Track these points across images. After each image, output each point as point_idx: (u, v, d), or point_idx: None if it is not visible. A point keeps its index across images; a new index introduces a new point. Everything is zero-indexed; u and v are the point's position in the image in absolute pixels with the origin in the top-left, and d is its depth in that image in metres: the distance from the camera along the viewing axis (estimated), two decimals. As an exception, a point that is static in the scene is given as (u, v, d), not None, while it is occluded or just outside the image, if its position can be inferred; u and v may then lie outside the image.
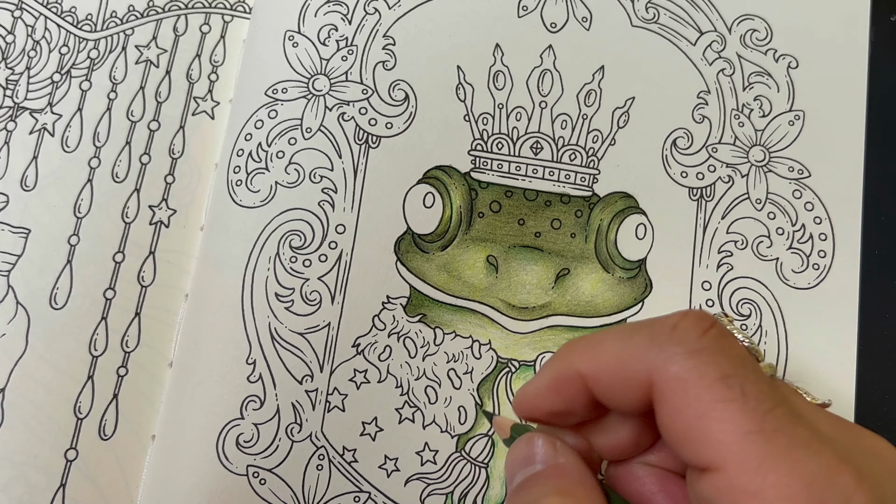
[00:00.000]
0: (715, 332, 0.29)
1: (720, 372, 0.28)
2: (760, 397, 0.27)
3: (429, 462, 0.41)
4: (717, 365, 0.28)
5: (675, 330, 0.30)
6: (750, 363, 0.29)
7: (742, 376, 0.28)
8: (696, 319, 0.30)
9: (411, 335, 0.42)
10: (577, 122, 0.45)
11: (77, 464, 0.41)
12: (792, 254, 0.43)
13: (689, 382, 0.28)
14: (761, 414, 0.27)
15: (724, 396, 0.27)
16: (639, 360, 0.30)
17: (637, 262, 0.43)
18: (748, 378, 0.28)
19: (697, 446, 0.28)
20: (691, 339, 0.29)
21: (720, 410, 0.27)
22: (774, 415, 0.27)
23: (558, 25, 0.46)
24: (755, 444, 0.26)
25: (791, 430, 0.27)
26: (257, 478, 0.41)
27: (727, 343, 0.29)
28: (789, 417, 0.27)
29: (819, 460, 0.26)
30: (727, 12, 0.47)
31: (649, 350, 0.30)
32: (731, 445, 0.27)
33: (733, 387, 0.27)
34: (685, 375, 0.28)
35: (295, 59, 0.46)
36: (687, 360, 0.28)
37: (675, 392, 0.28)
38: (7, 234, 0.44)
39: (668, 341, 0.29)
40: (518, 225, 0.44)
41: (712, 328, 0.29)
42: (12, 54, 0.47)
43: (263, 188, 0.44)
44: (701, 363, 0.28)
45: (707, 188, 0.44)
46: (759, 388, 0.28)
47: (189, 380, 0.42)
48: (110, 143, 0.45)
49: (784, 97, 0.45)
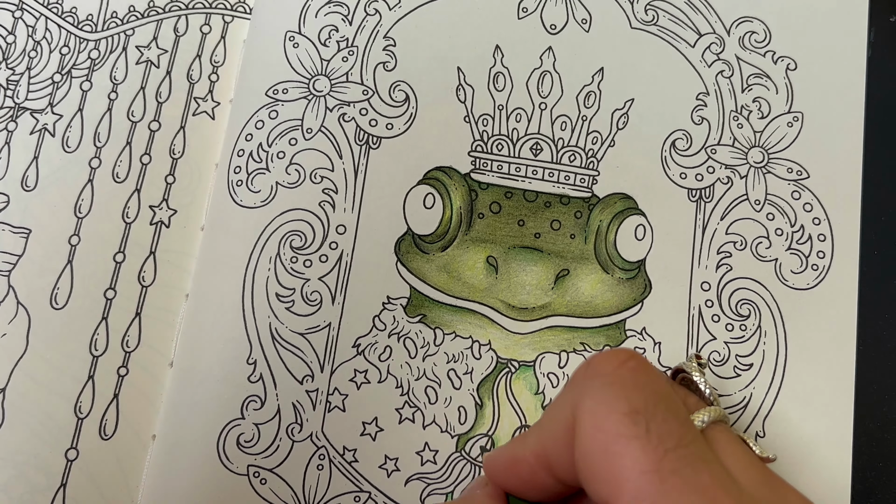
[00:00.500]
0: (632, 365, 0.29)
1: (629, 406, 0.27)
2: (664, 436, 0.27)
3: (429, 462, 0.41)
4: (626, 399, 0.28)
5: (590, 366, 0.30)
6: (664, 400, 0.28)
7: (650, 412, 0.27)
8: (614, 355, 0.30)
9: (411, 335, 0.43)
10: (576, 123, 0.45)
11: (77, 463, 0.41)
12: (791, 254, 0.43)
13: (599, 416, 0.28)
14: (661, 453, 0.26)
15: (628, 432, 0.27)
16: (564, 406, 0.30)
17: (636, 263, 0.43)
18: (656, 415, 0.27)
19: (599, 481, 0.27)
20: (606, 372, 0.29)
21: (622, 446, 0.27)
22: (676, 455, 0.26)
23: (558, 27, 0.47)
24: (650, 483, 0.26)
25: (690, 473, 0.26)
26: (258, 477, 0.41)
27: (644, 378, 0.29)
28: (691, 460, 0.26)
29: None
30: (726, 14, 0.47)
31: (571, 391, 0.30)
32: (627, 483, 0.26)
33: (639, 423, 0.27)
34: (596, 409, 0.28)
35: (295, 59, 0.46)
36: (599, 392, 0.28)
37: (586, 426, 0.28)
38: (8, 234, 0.44)
39: (585, 377, 0.30)
40: (518, 226, 0.44)
41: (629, 361, 0.29)
42: (13, 55, 0.47)
43: (264, 188, 0.44)
44: (612, 397, 0.28)
45: (706, 189, 0.44)
46: (665, 427, 0.27)
47: (190, 380, 0.42)
48: (111, 143, 0.45)
49: (783, 99, 0.45)
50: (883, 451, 0.41)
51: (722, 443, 0.30)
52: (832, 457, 0.41)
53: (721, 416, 0.30)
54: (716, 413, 0.30)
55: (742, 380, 0.42)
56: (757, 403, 0.42)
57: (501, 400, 0.42)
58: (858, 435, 0.41)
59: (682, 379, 0.34)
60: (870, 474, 0.41)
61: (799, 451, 0.41)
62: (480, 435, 0.42)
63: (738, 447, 0.30)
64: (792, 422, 0.41)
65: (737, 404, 0.42)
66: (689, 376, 0.34)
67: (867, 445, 0.41)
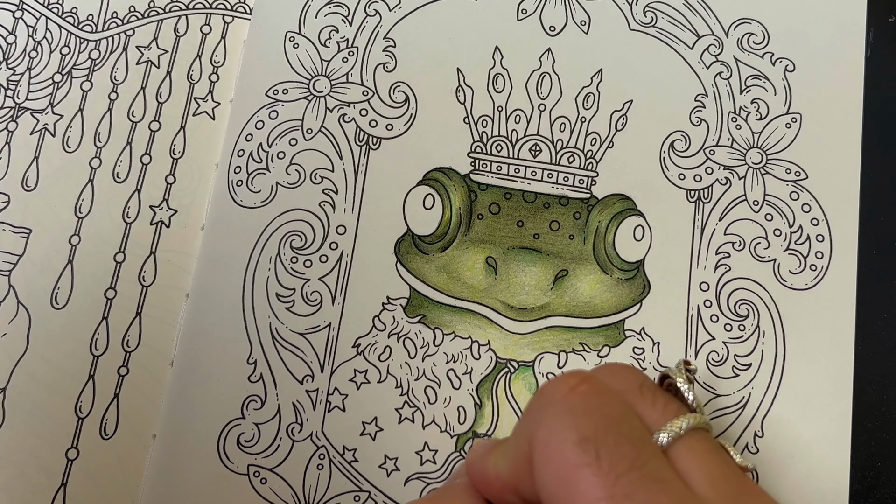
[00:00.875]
0: (582, 390, 0.29)
1: (578, 434, 0.27)
2: (615, 461, 0.27)
3: (428, 462, 0.41)
4: (575, 427, 0.28)
5: (542, 394, 0.30)
6: (615, 424, 0.28)
7: (600, 439, 0.27)
8: (564, 379, 0.30)
9: (411, 336, 0.43)
10: (575, 124, 0.45)
11: (78, 463, 0.41)
12: (789, 255, 0.43)
13: (551, 446, 0.28)
14: (613, 479, 0.26)
15: (579, 461, 0.27)
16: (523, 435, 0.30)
17: (635, 264, 0.44)
18: (606, 441, 0.27)
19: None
20: (556, 400, 0.29)
21: (574, 475, 0.27)
22: (628, 479, 0.26)
23: (557, 29, 0.47)
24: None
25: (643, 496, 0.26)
26: (258, 477, 0.41)
27: (594, 402, 0.29)
28: (644, 482, 0.26)
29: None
30: (724, 16, 0.47)
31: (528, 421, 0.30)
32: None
33: (588, 451, 0.27)
34: (548, 438, 0.28)
35: (296, 59, 0.46)
36: (551, 422, 0.28)
37: (540, 458, 0.28)
38: (8, 234, 0.44)
39: (539, 406, 0.30)
40: (517, 227, 0.44)
41: (580, 386, 0.29)
42: (13, 55, 0.47)
43: (264, 188, 0.44)
44: (562, 426, 0.28)
45: (704, 190, 0.44)
46: (616, 452, 0.27)
47: (190, 379, 0.42)
48: (111, 143, 0.45)
49: (781, 100, 0.45)
50: (882, 450, 0.41)
51: (697, 452, 0.29)
52: (831, 456, 0.41)
53: (702, 424, 0.30)
54: (696, 420, 0.30)
55: (741, 380, 0.42)
56: (755, 403, 0.42)
57: (501, 400, 0.42)
58: (857, 435, 0.41)
59: (668, 385, 0.34)
60: (868, 474, 0.41)
61: (797, 451, 0.41)
62: (480, 435, 0.42)
63: (715, 457, 0.29)
64: (790, 422, 0.41)
65: (735, 404, 0.42)
66: (673, 382, 0.34)
67: (866, 445, 0.41)
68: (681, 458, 0.29)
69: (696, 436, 0.30)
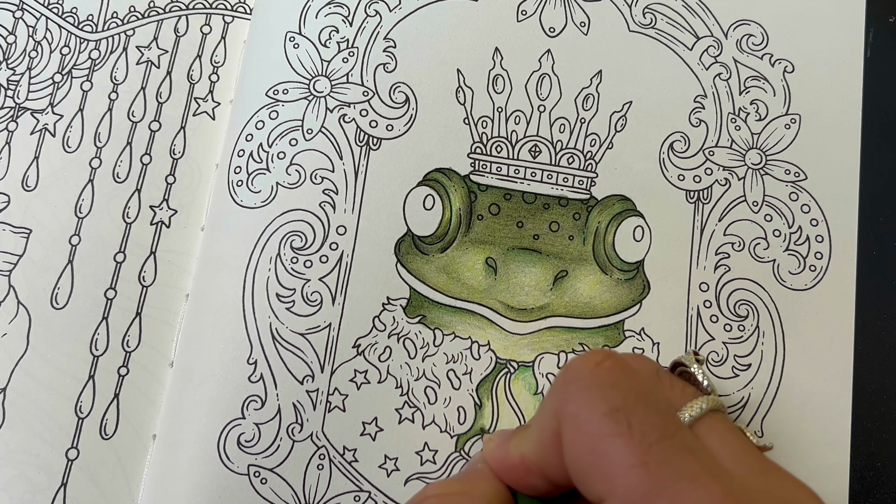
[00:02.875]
0: (608, 365, 0.30)
1: (608, 406, 0.28)
2: (646, 430, 0.27)
3: (428, 462, 0.41)
4: (605, 399, 0.28)
5: (568, 371, 0.31)
6: (644, 395, 0.29)
7: (630, 409, 0.28)
8: (589, 357, 0.30)
9: (411, 336, 0.43)
10: (575, 125, 0.45)
11: (78, 463, 0.41)
12: (789, 255, 0.44)
13: (581, 418, 0.29)
14: (646, 447, 0.27)
15: (611, 431, 0.28)
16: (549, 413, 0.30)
17: (635, 264, 0.44)
18: (636, 411, 0.28)
19: (589, 481, 0.28)
20: (583, 375, 0.30)
21: (606, 444, 0.27)
22: (661, 447, 0.27)
23: (557, 30, 0.47)
24: (638, 477, 0.27)
25: (677, 462, 0.27)
26: (258, 477, 0.41)
27: (621, 376, 0.29)
28: (676, 450, 0.27)
29: (702, 493, 0.26)
30: (723, 17, 0.47)
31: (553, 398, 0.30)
32: (616, 479, 0.27)
33: (620, 421, 0.28)
34: (577, 411, 0.29)
35: (296, 60, 0.46)
36: (579, 396, 0.29)
37: (570, 430, 0.29)
38: (8, 234, 0.44)
39: (565, 382, 0.30)
40: (517, 227, 0.44)
41: (605, 361, 0.30)
42: (13, 55, 0.47)
43: (264, 189, 0.44)
44: (591, 398, 0.29)
45: (704, 191, 0.45)
46: (646, 421, 0.28)
47: (190, 379, 0.42)
48: (111, 143, 0.45)
49: (780, 101, 0.46)
50: (881, 450, 0.41)
51: (717, 432, 0.30)
52: (830, 457, 0.41)
53: (718, 406, 0.31)
54: (712, 402, 0.31)
55: (740, 380, 0.42)
56: (755, 403, 0.42)
57: (500, 400, 0.42)
58: (856, 435, 0.41)
59: (680, 372, 0.35)
60: (868, 474, 0.41)
61: (797, 451, 0.41)
62: (479, 435, 0.42)
63: (734, 436, 0.30)
64: (790, 422, 0.41)
65: (735, 404, 0.42)
66: (686, 368, 0.34)
67: (865, 445, 0.41)
68: (702, 437, 0.30)
69: (714, 416, 0.30)
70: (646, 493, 0.26)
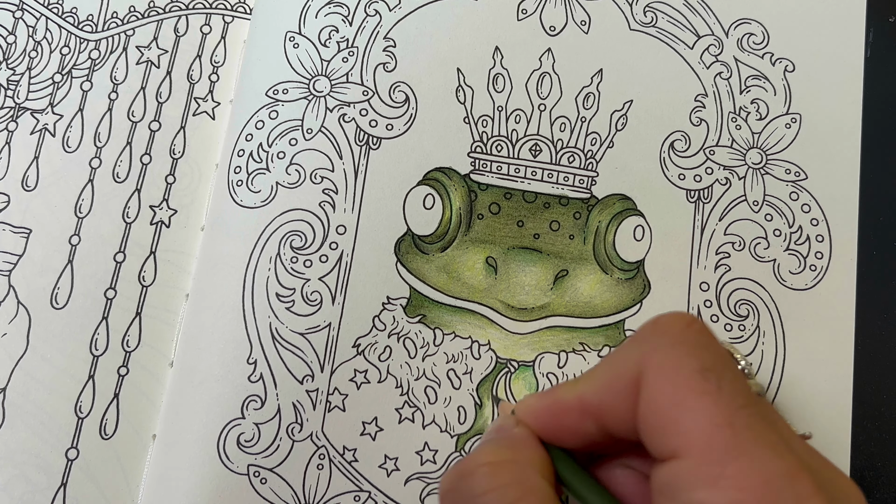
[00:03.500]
0: (698, 327, 0.30)
1: (699, 364, 0.29)
2: (735, 394, 0.28)
3: (428, 462, 0.41)
4: (697, 357, 0.29)
5: (657, 324, 0.31)
6: (730, 361, 0.29)
7: (720, 371, 0.28)
8: (680, 316, 0.31)
9: (411, 336, 0.43)
10: (575, 124, 0.45)
11: (78, 463, 0.41)
12: (789, 255, 0.43)
13: (669, 371, 0.29)
14: (734, 409, 0.27)
15: (701, 388, 0.28)
16: (628, 360, 0.30)
17: (635, 264, 0.44)
18: (726, 374, 0.28)
19: (667, 433, 0.28)
20: (675, 331, 0.30)
21: (694, 400, 0.28)
22: (747, 412, 0.27)
23: (557, 29, 0.47)
24: (723, 436, 0.27)
25: (760, 429, 0.27)
26: (258, 477, 0.41)
27: (709, 339, 0.30)
28: (760, 418, 0.28)
29: (781, 462, 0.27)
30: (724, 16, 0.47)
31: (636, 347, 0.31)
32: (700, 434, 0.27)
33: (710, 380, 0.28)
34: (666, 364, 0.29)
35: (296, 59, 0.46)
36: (669, 349, 0.29)
37: (656, 379, 0.29)
38: (8, 234, 0.44)
39: (653, 334, 0.31)
40: (517, 227, 0.44)
41: (694, 324, 0.30)
42: (13, 55, 0.47)
43: (264, 188, 0.44)
44: (682, 354, 0.29)
45: (704, 190, 0.44)
46: (735, 385, 0.28)
47: (190, 379, 0.42)
48: (111, 143, 0.45)
49: (781, 100, 0.45)
50: (882, 450, 0.41)
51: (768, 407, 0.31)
52: (830, 457, 0.40)
53: (761, 391, 0.32)
54: (756, 388, 0.32)
55: (741, 380, 0.42)
56: (755, 403, 0.42)
57: (501, 400, 0.42)
58: (857, 435, 0.41)
59: None
60: (868, 474, 0.41)
61: (797, 451, 0.41)
62: (480, 435, 0.42)
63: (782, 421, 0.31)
64: (790, 422, 0.41)
65: (735, 404, 0.42)
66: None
67: (865, 445, 0.41)
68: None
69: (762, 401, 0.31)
70: (727, 452, 0.27)
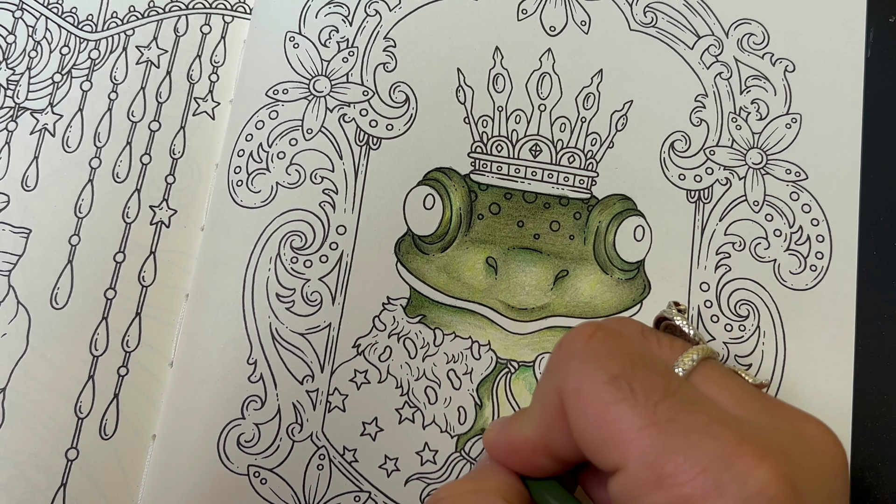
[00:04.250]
0: (601, 336, 0.30)
1: (608, 374, 0.29)
2: (649, 391, 0.28)
3: (429, 462, 0.41)
4: (604, 369, 0.29)
5: (561, 348, 0.31)
6: (640, 360, 0.29)
7: (630, 374, 0.28)
8: (580, 330, 0.31)
9: (411, 336, 0.43)
10: (575, 125, 0.45)
11: (78, 463, 0.41)
12: (789, 255, 0.43)
13: (583, 391, 0.29)
14: (651, 407, 0.27)
15: (614, 398, 0.28)
16: (549, 393, 0.31)
17: (635, 264, 0.44)
18: (636, 375, 0.28)
19: (602, 451, 0.28)
20: (578, 349, 0.30)
21: (613, 412, 0.28)
22: (666, 405, 0.27)
23: (557, 29, 0.47)
24: (650, 437, 0.27)
25: (685, 417, 0.27)
26: (258, 477, 0.41)
27: (614, 344, 0.30)
28: (682, 406, 0.28)
29: (715, 443, 0.26)
30: (724, 17, 0.47)
31: (552, 377, 0.31)
32: (629, 444, 0.27)
33: (622, 387, 0.28)
34: (579, 385, 0.29)
35: (296, 59, 0.46)
36: (578, 370, 0.29)
37: (575, 405, 0.29)
38: (8, 234, 0.44)
39: (561, 360, 0.31)
40: (517, 227, 0.44)
41: (597, 333, 0.30)
42: (13, 55, 0.47)
43: (264, 188, 0.44)
44: (591, 371, 0.29)
45: (705, 190, 0.44)
46: (647, 383, 0.28)
47: (190, 380, 0.42)
48: (111, 143, 0.45)
49: (781, 100, 0.45)
50: (882, 450, 0.41)
51: (713, 379, 0.30)
52: (831, 457, 0.41)
53: (708, 353, 0.31)
54: (703, 351, 0.31)
55: (741, 380, 0.42)
56: (756, 404, 0.42)
57: (501, 400, 0.42)
58: (857, 435, 0.41)
59: (665, 326, 0.35)
60: (869, 474, 0.41)
61: (797, 451, 0.41)
62: (480, 435, 0.42)
63: (731, 380, 0.30)
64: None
65: (736, 404, 0.42)
66: (671, 322, 0.34)
67: (866, 445, 0.41)
68: (701, 387, 0.30)
69: (707, 364, 0.31)
70: (660, 451, 0.27)
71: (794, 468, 0.26)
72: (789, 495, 0.26)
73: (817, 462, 0.28)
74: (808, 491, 0.26)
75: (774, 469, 0.26)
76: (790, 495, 0.26)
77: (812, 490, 0.27)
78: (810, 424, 0.29)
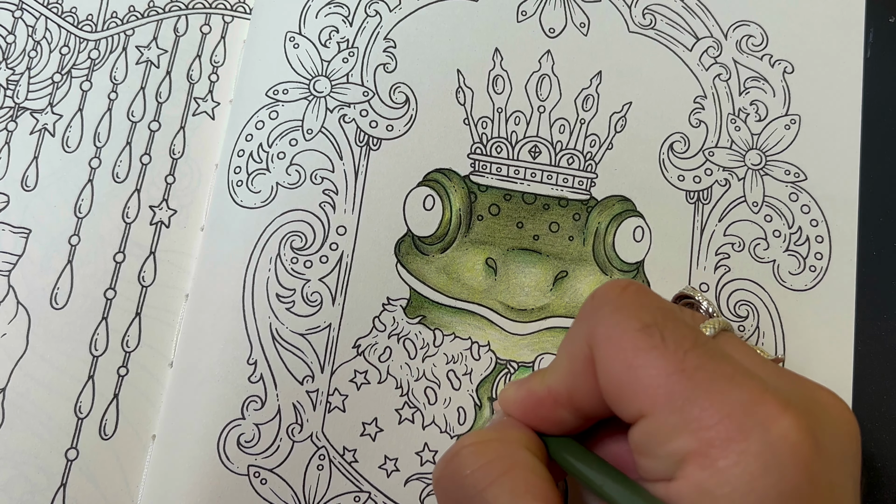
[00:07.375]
0: (633, 289, 0.31)
1: (640, 323, 0.29)
2: (679, 340, 0.29)
3: (428, 462, 0.41)
4: (636, 317, 0.30)
5: (595, 298, 0.32)
6: (671, 312, 0.30)
7: (661, 323, 0.29)
8: (614, 283, 0.32)
9: (411, 336, 0.43)
10: (574, 126, 0.45)
11: (77, 463, 0.41)
12: (789, 256, 0.44)
13: (614, 338, 0.30)
14: (681, 355, 0.28)
15: (646, 344, 0.29)
16: (578, 341, 0.31)
17: (635, 265, 0.44)
18: (667, 325, 0.29)
19: (628, 397, 0.29)
20: (612, 299, 0.31)
21: (643, 358, 0.29)
22: (695, 354, 0.28)
23: (557, 31, 0.47)
24: (678, 383, 0.28)
25: (712, 366, 0.28)
26: (258, 477, 0.41)
27: (646, 298, 0.31)
28: (710, 355, 0.28)
29: (740, 392, 0.27)
30: (723, 18, 0.47)
31: (582, 325, 0.31)
32: (657, 388, 0.28)
33: (653, 335, 0.29)
34: (610, 332, 0.30)
35: (296, 60, 0.46)
36: (610, 318, 0.30)
37: (605, 351, 0.30)
38: (8, 234, 0.44)
39: (593, 308, 0.31)
40: (517, 228, 0.44)
41: (629, 287, 0.31)
42: (13, 54, 0.47)
43: (264, 189, 0.44)
44: (623, 318, 0.30)
45: (704, 191, 0.45)
46: (678, 333, 0.29)
47: (190, 380, 0.42)
48: (111, 143, 0.45)
49: (780, 101, 0.46)
50: (881, 450, 0.41)
51: (732, 346, 0.31)
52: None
53: (726, 326, 0.33)
54: (721, 323, 0.32)
55: (740, 380, 0.42)
56: (755, 404, 0.42)
57: (501, 401, 0.42)
58: (856, 435, 0.41)
59: (684, 303, 0.36)
60: (868, 474, 0.41)
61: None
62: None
63: (749, 350, 0.32)
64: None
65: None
66: (691, 300, 0.36)
67: (865, 445, 0.41)
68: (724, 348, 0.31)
69: (724, 336, 0.32)
70: (688, 396, 0.27)
71: (814, 422, 0.27)
72: (811, 444, 0.27)
73: (834, 424, 0.29)
74: (826, 446, 0.27)
75: (797, 419, 0.27)
76: (812, 444, 0.27)
77: (830, 446, 0.28)
78: (825, 393, 0.30)
